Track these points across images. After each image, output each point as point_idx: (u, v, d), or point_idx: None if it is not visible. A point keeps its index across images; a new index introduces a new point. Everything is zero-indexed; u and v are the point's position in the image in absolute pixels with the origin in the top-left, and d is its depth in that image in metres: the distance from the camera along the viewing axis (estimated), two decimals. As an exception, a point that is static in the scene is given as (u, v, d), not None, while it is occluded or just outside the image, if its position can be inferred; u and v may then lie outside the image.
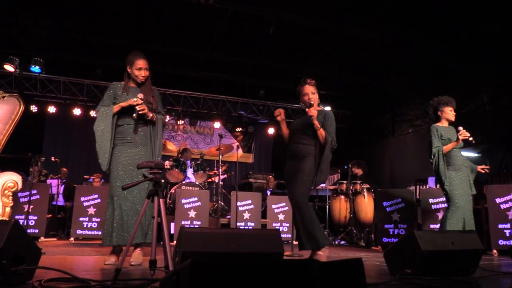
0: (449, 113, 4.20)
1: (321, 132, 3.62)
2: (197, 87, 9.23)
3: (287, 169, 3.77)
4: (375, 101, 9.43)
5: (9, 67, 7.47)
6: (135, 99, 3.21)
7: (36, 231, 5.54)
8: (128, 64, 3.39)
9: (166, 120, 3.64)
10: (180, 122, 9.79)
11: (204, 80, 8.99)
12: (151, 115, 3.30)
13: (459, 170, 4.13)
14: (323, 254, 3.54)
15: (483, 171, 4.29)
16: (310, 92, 3.76)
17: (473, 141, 4.03)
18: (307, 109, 3.65)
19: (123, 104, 3.26)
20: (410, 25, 6.35)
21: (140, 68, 3.36)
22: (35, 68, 7.70)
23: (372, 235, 6.26)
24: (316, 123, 3.58)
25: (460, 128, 4.04)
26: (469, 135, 3.99)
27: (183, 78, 8.94)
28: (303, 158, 3.65)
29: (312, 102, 3.68)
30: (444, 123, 4.23)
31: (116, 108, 3.27)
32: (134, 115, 3.21)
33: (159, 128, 3.41)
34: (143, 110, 3.21)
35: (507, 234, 4.90)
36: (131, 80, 3.42)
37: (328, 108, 9.42)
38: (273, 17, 6.25)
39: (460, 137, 4.00)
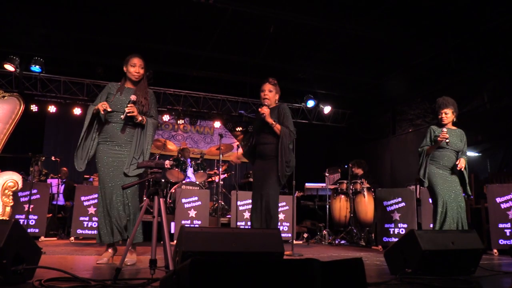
0: (442, 115, 4.15)
1: (277, 127, 3.67)
2: (197, 87, 9.22)
3: (255, 168, 3.81)
4: (375, 101, 9.42)
5: (9, 67, 7.46)
6: (107, 109, 3.17)
7: (37, 230, 5.53)
8: (124, 64, 3.41)
9: (162, 122, 3.61)
10: (180, 121, 9.79)
11: (204, 79, 8.99)
12: (140, 118, 3.25)
13: (444, 170, 4.06)
14: None
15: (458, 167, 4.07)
16: (268, 89, 3.82)
17: (448, 143, 3.98)
18: (259, 109, 3.69)
19: (96, 107, 3.21)
20: (410, 23, 6.34)
21: (134, 65, 3.35)
22: (35, 68, 7.70)
23: (373, 235, 6.26)
24: (270, 120, 3.64)
25: (444, 129, 4.00)
26: (446, 137, 3.92)
27: (183, 78, 8.93)
28: (268, 159, 3.71)
29: (265, 101, 3.74)
30: (440, 124, 4.20)
31: (94, 110, 3.24)
32: (122, 116, 3.19)
33: (148, 132, 3.33)
34: (132, 112, 3.18)
35: (508, 234, 4.90)
36: (127, 81, 3.42)
37: (328, 108, 9.49)
38: (273, 16, 6.25)
39: (438, 138, 3.97)
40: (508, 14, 5.73)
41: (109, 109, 3.19)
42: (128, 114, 3.17)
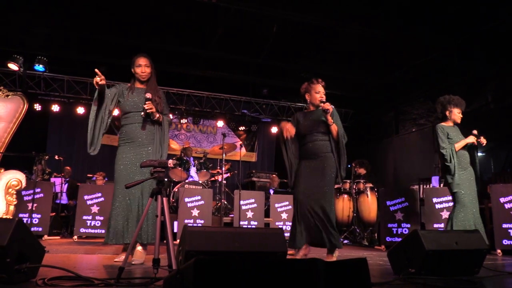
0: (457, 115, 4.22)
1: (334, 127, 3.65)
2: (200, 86, 9.23)
3: (305, 166, 3.67)
4: (378, 100, 9.40)
5: (13, 66, 7.48)
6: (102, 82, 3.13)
7: (40, 229, 5.55)
8: (131, 66, 3.45)
9: (170, 118, 3.63)
10: (183, 121, 9.80)
11: (207, 78, 8.98)
12: (157, 115, 3.31)
13: (465, 169, 4.14)
14: (336, 255, 3.60)
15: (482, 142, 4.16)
16: (322, 91, 3.80)
17: (483, 144, 4.11)
18: (322, 104, 3.64)
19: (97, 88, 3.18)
20: (413, 23, 6.33)
21: (139, 65, 3.39)
22: (39, 67, 7.71)
23: (376, 234, 6.25)
24: (330, 118, 3.62)
25: (475, 131, 4.11)
26: (484, 142, 4.10)
27: (186, 77, 8.94)
28: (324, 156, 3.66)
29: (324, 99, 3.73)
30: (449, 123, 4.23)
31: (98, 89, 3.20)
32: (142, 113, 3.25)
33: (165, 129, 3.42)
34: (150, 109, 3.22)
35: (511, 234, 4.88)
36: (136, 81, 3.45)
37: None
38: (276, 16, 6.25)
39: (482, 142, 4.08)
40: (510, 13, 5.70)
41: (102, 82, 3.10)
42: (147, 111, 3.22)
